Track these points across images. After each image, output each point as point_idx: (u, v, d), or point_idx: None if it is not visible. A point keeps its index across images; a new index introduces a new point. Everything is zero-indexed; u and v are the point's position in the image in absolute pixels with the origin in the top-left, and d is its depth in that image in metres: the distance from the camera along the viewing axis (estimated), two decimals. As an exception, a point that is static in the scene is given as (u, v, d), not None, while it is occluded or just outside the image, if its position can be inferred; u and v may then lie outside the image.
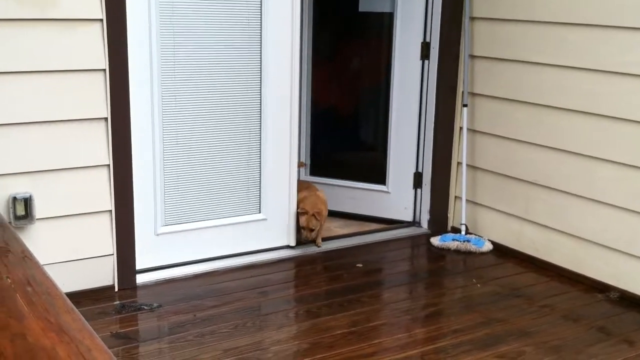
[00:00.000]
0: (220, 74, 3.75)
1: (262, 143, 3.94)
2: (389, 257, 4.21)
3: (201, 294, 3.56)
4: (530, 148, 4.03)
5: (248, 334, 3.15)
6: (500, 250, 4.21)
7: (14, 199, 3.21)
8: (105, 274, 3.52)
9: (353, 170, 4.76)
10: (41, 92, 3.20)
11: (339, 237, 4.37)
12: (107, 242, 3.49)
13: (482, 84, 4.26)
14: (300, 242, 4.13)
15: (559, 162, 3.87)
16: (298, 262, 4.03)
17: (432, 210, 4.53)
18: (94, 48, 3.28)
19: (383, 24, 4.56)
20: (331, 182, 4.66)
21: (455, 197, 4.53)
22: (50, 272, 3.15)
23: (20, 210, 3.22)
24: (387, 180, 4.64)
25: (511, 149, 4.14)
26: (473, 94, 4.31)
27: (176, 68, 3.62)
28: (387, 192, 4.64)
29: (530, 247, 4.08)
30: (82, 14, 3.23)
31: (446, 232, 4.50)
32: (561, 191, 3.87)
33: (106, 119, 3.37)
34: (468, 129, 4.33)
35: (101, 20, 3.27)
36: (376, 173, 4.68)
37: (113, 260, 3.52)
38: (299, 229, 4.11)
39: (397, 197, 4.62)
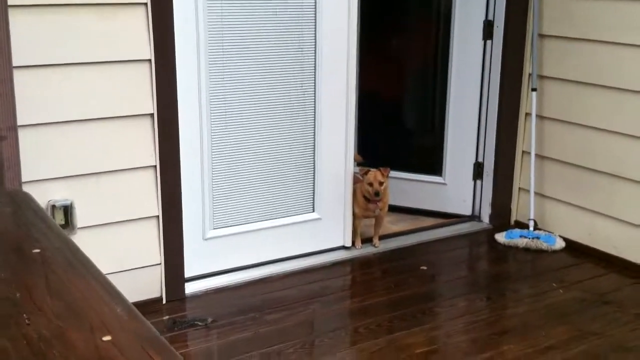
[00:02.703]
0: (272, 65, 3.38)
1: (316, 137, 3.58)
2: (453, 257, 3.87)
3: (258, 305, 3.23)
4: (609, 136, 3.67)
5: (320, 354, 2.82)
6: (573, 248, 3.86)
7: (53, 207, 2.86)
8: (152, 286, 3.19)
9: (406, 160, 4.39)
10: (79, 86, 2.84)
11: (395, 235, 4.03)
12: (154, 251, 3.15)
13: (553, 66, 3.88)
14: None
15: (644, 152, 3.52)
16: (356, 264, 3.69)
17: (494, 204, 4.18)
18: (137, 36, 2.91)
19: (440, 2, 4.18)
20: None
21: (520, 189, 4.18)
22: None
23: (60, 219, 2.88)
24: (443, 171, 4.28)
25: (587, 137, 3.77)
26: (542, 77, 3.94)
27: (225, 57, 3.25)
28: (444, 184, 4.29)
29: (608, 244, 3.73)
30: (124, -4, 2.86)
31: (509, 227, 4.15)
32: (647, 185, 3.52)
33: (152, 115, 3.01)
34: (536, 115, 3.96)
35: (145, 4, 2.90)
36: (432, 163, 4.32)
37: (160, 270, 3.18)
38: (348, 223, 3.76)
39: (454, 189, 4.27)
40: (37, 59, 2.74)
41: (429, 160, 4.33)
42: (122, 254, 3.08)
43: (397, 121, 4.53)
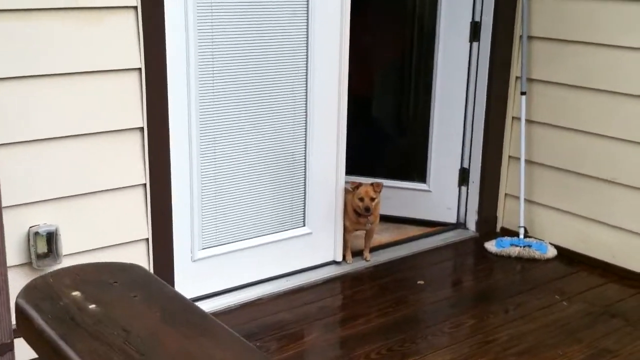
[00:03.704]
0: (262, 76, 3.14)
1: (307, 150, 3.36)
2: (446, 270, 3.73)
3: (254, 332, 2.99)
4: (603, 141, 3.58)
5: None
6: (565, 256, 3.77)
7: (36, 234, 2.55)
8: (140, 315, 2.90)
9: (389, 167, 4.22)
10: (62, 99, 2.54)
11: (383, 247, 3.85)
12: (143, 277, 2.87)
13: (543, 69, 3.77)
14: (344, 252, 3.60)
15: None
16: (350, 281, 3.50)
17: (481, 211, 4.05)
18: (126, 42, 2.63)
19: (424, 2, 4.01)
20: (365, 181, 4.04)
21: (506, 195, 4.07)
22: None
23: (42, 248, 2.57)
24: (427, 177, 4.12)
25: (579, 142, 3.68)
26: (531, 80, 3.82)
27: (215, 67, 2.99)
28: (428, 191, 4.13)
29: (604, 252, 3.65)
30: (111, 0, 2.56)
31: (495, 234, 4.04)
32: (646, 191, 3.45)
33: (142, 128, 2.73)
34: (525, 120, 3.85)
35: (135, 7, 2.61)
36: (415, 170, 4.16)
37: (150, 297, 2.90)
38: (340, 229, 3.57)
39: (439, 196, 4.12)
40: (13, 70, 2.42)
41: (413, 166, 4.17)
42: (109, 283, 2.78)
43: (378, 126, 4.35)
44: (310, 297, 3.30)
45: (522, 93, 3.82)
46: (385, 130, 4.38)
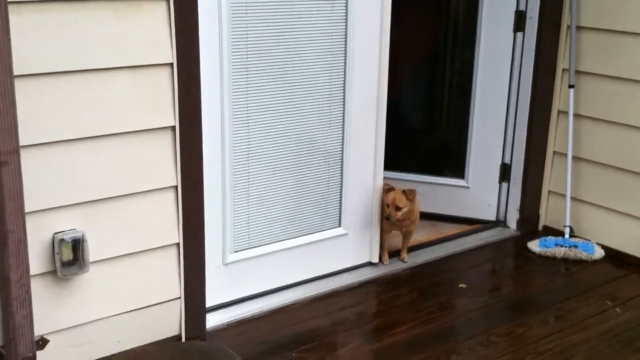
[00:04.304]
0: (298, 70, 2.97)
1: (344, 147, 3.19)
2: (488, 272, 3.55)
3: (289, 341, 2.83)
4: (658, 138, 3.38)
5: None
6: (614, 257, 3.58)
7: (61, 240, 2.40)
8: (170, 323, 2.76)
9: (425, 162, 4.04)
10: (89, 97, 2.37)
11: (420, 247, 3.67)
12: (173, 284, 2.72)
13: (591, 61, 3.56)
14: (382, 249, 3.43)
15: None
16: (386, 284, 3.33)
17: (523, 208, 3.86)
18: (157, 36, 2.45)
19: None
20: (398, 177, 3.86)
21: (549, 192, 3.87)
22: (105, 329, 2.45)
23: (68, 256, 2.42)
24: (466, 173, 3.93)
25: (630, 138, 3.48)
26: (579, 73, 3.61)
27: (248, 62, 2.81)
28: (467, 187, 3.95)
29: (656, 255, 3.46)
30: (141, -10, 2.39)
31: (537, 233, 3.85)
32: None
33: (173, 127, 2.56)
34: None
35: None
36: (453, 165, 3.97)
37: (180, 304, 2.76)
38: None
39: (478, 193, 3.93)
40: (42, 66, 2.26)
41: (451, 161, 3.98)
42: (139, 290, 2.64)
43: (416, 119, 4.15)
44: (346, 302, 3.14)
45: (570, 86, 3.61)
46: (422, 125, 4.19)
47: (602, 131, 3.58)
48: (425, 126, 4.20)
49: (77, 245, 2.42)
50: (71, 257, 2.42)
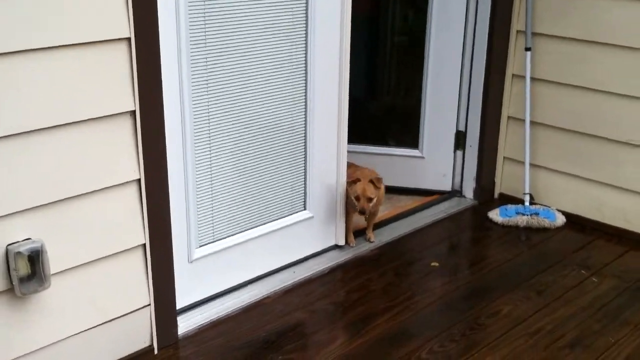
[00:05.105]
0: (259, 47, 2.67)
1: (307, 124, 2.93)
2: (456, 246, 3.41)
3: (272, 340, 2.59)
4: (616, 100, 3.31)
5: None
6: (576, 223, 3.52)
7: (17, 253, 2.04)
8: (140, 333, 2.45)
9: (377, 132, 3.84)
10: (30, 82, 2.00)
11: (383, 224, 3.48)
12: (141, 290, 2.41)
13: (548, 23, 3.44)
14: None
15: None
16: (359, 267, 3.12)
17: (479, 177, 3.74)
18: (111, 6, 2.10)
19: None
20: (351, 149, 3.60)
21: (505, 158, 3.76)
22: (73, 348, 2.14)
23: (24, 270, 2.06)
24: (420, 142, 3.76)
25: (589, 101, 3.40)
26: (535, 35, 3.49)
27: (207, 43, 2.50)
28: (421, 157, 3.78)
29: (619, 218, 3.42)
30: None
31: (494, 201, 3.75)
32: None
33: (133, 112, 2.23)
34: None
35: (122, -38, 2.09)
36: (406, 135, 3.79)
37: (150, 312, 2.45)
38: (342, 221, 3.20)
39: (433, 163, 3.78)
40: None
41: (404, 131, 3.80)
42: (105, 301, 2.32)
43: (367, 88, 3.93)
44: (319, 292, 2.92)
45: (527, 49, 3.48)
46: (373, 94, 3.97)
47: (560, 94, 3.49)
48: (376, 95, 3.99)
49: (36, 257, 2.07)
50: (29, 271, 2.07)
